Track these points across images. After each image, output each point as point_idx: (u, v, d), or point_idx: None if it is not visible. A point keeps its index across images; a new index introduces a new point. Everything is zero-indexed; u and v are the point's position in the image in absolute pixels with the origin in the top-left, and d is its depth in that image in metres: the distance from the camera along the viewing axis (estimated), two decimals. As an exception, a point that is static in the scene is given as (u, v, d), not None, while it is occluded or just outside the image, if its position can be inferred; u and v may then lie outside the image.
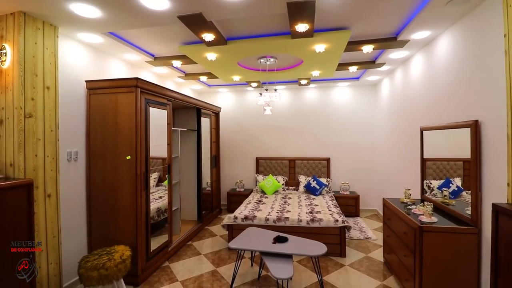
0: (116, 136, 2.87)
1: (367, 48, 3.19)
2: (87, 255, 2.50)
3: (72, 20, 2.38)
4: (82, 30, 2.62)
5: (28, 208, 2.14)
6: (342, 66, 4.08)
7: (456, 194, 2.58)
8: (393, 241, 2.88)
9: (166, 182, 3.52)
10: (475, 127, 2.17)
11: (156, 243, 3.16)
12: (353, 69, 4.15)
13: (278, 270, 2.35)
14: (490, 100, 2.06)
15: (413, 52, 3.46)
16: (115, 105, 2.87)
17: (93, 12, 2.26)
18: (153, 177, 3.32)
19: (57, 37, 2.51)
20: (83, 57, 2.97)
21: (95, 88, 2.92)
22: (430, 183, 3.00)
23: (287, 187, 5.61)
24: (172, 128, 3.70)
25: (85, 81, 2.93)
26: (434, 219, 2.37)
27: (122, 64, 3.62)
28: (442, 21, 2.51)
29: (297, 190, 5.48)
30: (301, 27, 2.54)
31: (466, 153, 2.31)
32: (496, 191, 1.99)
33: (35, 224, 2.22)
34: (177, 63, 3.75)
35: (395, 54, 3.51)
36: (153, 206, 3.16)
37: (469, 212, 2.27)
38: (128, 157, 2.82)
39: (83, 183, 2.93)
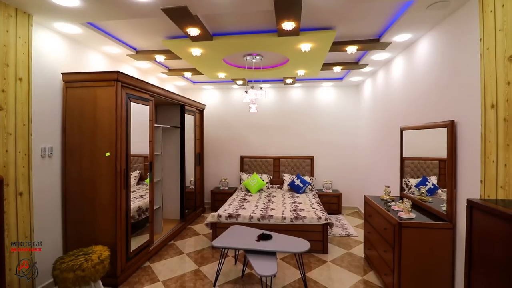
0: (94, 132, 2.74)
1: (351, 49, 3.25)
2: (62, 256, 2.38)
3: (47, 8, 2.25)
4: (59, 19, 2.48)
5: (-3, 207, 2.00)
6: (327, 66, 4.14)
7: (432, 191, 2.69)
8: (374, 237, 2.97)
9: (147, 181, 3.42)
10: (452, 127, 2.27)
11: (136, 243, 3.07)
12: (337, 69, 4.23)
13: (262, 267, 2.35)
14: (465, 101, 2.16)
15: (394, 54, 3.58)
16: (93, 100, 2.75)
17: (70, 0, 2.14)
18: (134, 175, 3.22)
19: (31, 25, 2.36)
20: (60, 48, 2.82)
21: (72, 81, 2.78)
22: (408, 181, 3.11)
23: (271, 185, 5.63)
24: (155, 125, 3.60)
25: (62, 73, 2.78)
26: (412, 215, 2.46)
27: (101, 57, 3.47)
28: (422, 24, 2.60)
29: (281, 188, 5.52)
30: (288, 25, 2.55)
31: (441, 153, 2.41)
32: (470, 188, 2.09)
33: (5, 224, 2.07)
34: (160, 57, 3.66)
35: (378, 55, 3.61)
36: (134, 205, 3.07)
37: (444, 208, 2.37)
38: (108, 154, 2.71)
39: (58, 180, 2.79)
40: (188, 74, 4.64)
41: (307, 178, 5.39)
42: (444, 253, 2.28)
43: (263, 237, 2.80)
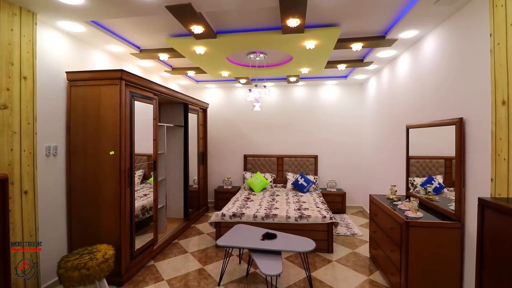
0: (98, 131, 2.74)
1: (356, 46, 3.21)
2: (67, 255, 2.38)
3: (51, 6, 2.24)
4: (63, 18, 2.47)
5: (2, 205, 1.99)
6: (331, 64, 4.10)
7: (438, 191, 2.65)
8: (379, 236, 2.93)
9: (151, 180, 3.42)
10: (460, 125, 2.23)
11: (140, 241, 3.06)
12: (341, 67, 4.18)
13: (267, 266, 2.33)
14: (474, 98, 2.12)
15: (400, 51, 3.53)
16: (97, 98, 2.74)
17: (74, -2, 2.14)
18: (138, 174, 3.22)
19: (36, 24, 2.36)
20: (64, 47, 2.82)
21: (76, 79, 2.78)
22: (414, 180, 3.07)
23: (275, 184, 5.60)
24: (158, 124, 3.60)
25: (66, 72, 2.78)
26: (419, 214, 2.42)
27: (105, 56, 3.47)
28: (429, 20, 2.56)
29: (285, 187, 5.49)
30: (293, 22, 2.52)
31: (448, 151, 2.37)
32: (479, 187, 2.05)
33: (10, 223, 2.08)
34: (164, 56, 3.64)
35: (383, 53, 3.56)
36: (138, 204, 3.06)
37: (452, 207, 2.33)
38: (112, 153, 2.71)
39: (63, 179, 2.79)
40: (191, 73, 4.63)
41: (311, 177, 5.36)
42: (452, 252, 2.24)
43: (267, 236, 2.78)
